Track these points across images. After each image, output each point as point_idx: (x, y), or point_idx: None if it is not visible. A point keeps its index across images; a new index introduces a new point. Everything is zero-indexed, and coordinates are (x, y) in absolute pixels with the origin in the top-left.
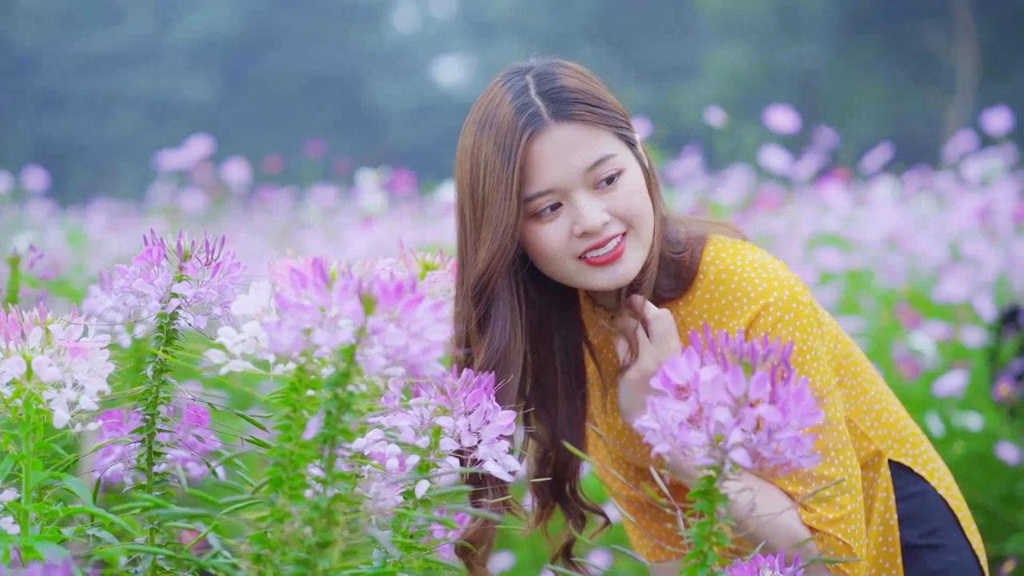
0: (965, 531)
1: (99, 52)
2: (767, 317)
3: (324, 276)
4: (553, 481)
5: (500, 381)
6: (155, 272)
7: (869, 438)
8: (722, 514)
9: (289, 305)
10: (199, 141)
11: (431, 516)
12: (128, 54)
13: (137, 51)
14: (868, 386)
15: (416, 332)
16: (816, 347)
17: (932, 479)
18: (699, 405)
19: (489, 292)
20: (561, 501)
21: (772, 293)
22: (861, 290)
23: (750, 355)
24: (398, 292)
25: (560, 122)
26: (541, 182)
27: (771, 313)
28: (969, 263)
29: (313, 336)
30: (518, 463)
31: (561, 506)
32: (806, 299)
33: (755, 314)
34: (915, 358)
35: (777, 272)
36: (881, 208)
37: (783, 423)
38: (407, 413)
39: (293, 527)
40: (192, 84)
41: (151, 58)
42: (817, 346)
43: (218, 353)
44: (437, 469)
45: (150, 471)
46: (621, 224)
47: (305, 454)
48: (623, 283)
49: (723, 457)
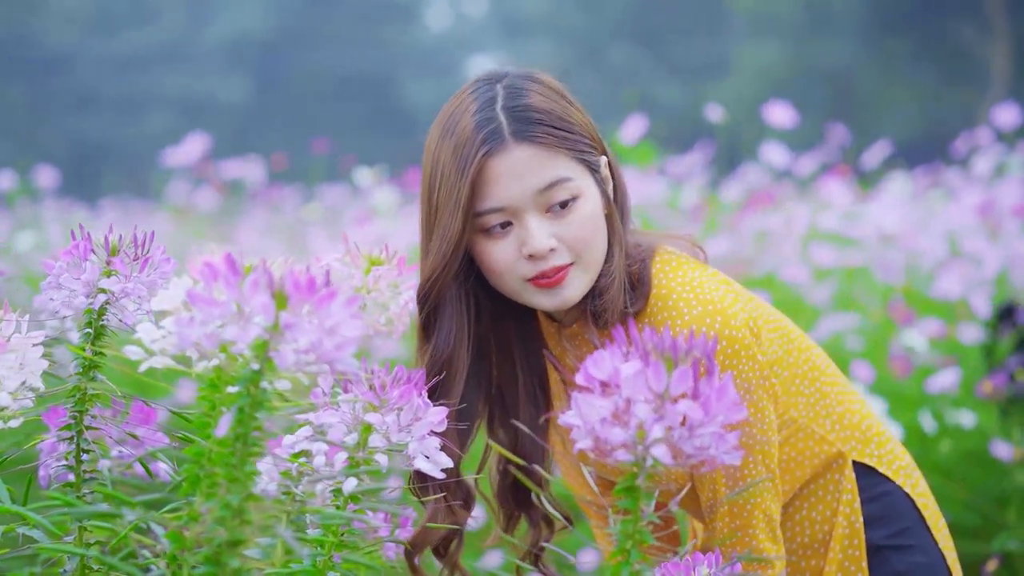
0: (933, 531)
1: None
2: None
3: (236, 271)
4: (517, 490)
5: (442, 388)
6: (82, 267)
7: (830, 441)
8: (646, 511)
9: (199, 300)
10: (198, 138)
11: (343, 515)
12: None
13: (170, 51)
14: (828, 388)
15: (330, 328)
16: (749, 377)
17: (898, 478)
18: (622, 401)
19: (433, 299)
20: (525, 510)
21: (705, 320)
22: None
23: (672, 350)
24: (311, 287)
25: (519, 142)
26: (493, 199)
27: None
28: (969, 260)
29: (223, 332)
30: (450, 460)
31: (526, 514)
32: (738, 323)
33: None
34: (909, 355)
35: (712, 295)
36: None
37: (705, 419)
38: (336, 410)
39: (204, 526)
40: (225, 84)
41: (184, 57)
42: (751, 377)
43: (136, 350)
44: (367, 466)
45: (78, 469)
46: (569, 253)
47: (222, 452)
48: (565, 306)
49: (644, 453)
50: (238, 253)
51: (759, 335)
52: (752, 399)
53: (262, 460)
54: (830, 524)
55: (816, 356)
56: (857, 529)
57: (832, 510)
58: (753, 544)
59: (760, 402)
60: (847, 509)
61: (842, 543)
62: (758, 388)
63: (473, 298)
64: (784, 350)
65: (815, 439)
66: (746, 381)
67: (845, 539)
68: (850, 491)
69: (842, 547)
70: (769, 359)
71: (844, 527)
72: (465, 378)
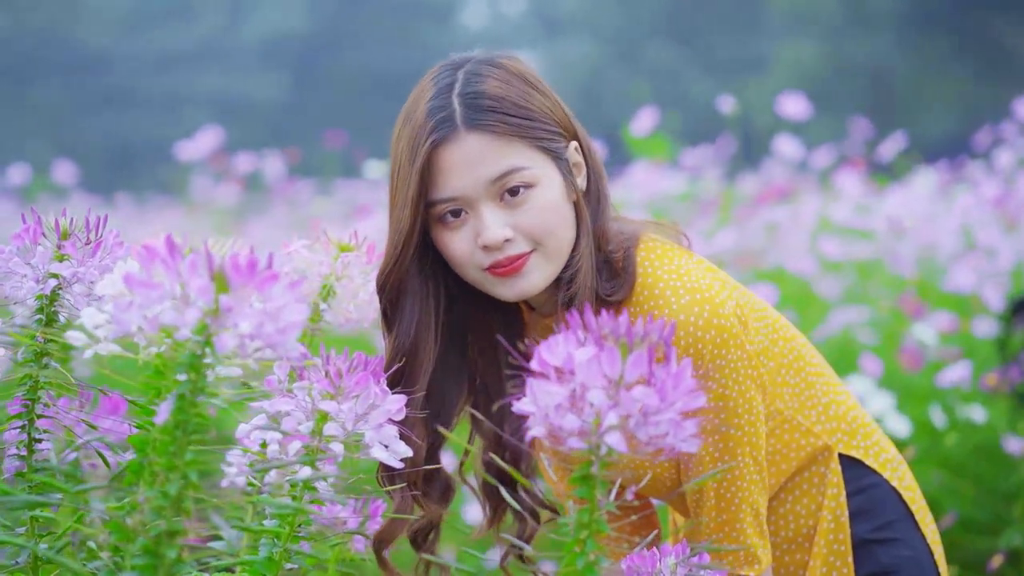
0: (919, 524)
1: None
2: (685, 336)
3: (175, 253)
4: (502, 482)
5: (407, 378)
6: (32, 251)
7: (816, 433)
8: (603, 501)
9: (136, 283)
10: (210, 131)
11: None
12: (198, 52)
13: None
14: (814, 379)
15: (271, 312)
16: (738, 367)
17: (884, 471)
18: (577, 387)
19: (390, 289)
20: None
21: (693, 308)
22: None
23: (628, 335)
24: (251, 269)
25: (471, 130)
26: (446, 189)
27: (689, 333)
28: (984, 252)
29: (162, 316)
30: (409, 449)
31: (511, 507)
32: (726, 311)
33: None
34: (920, 349)
35: (699, 283)
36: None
37: (661, 406)
38: (290, 397)
39: (142, 516)
40: (261, 82)
41: (220, 56)
42: (740, 367)
43: (79, 335)
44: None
45: (30, 459)
46: (527, 242)
47: (162, 440)
48: (525, 296)
49: (597, 441)
50: (249, 246)
51: (747, 324)
52: (740, 389)
53: (231, 451)
54: (815, 518)
55: (801, 346)
56: (842, 523)
57: (817, 504)
58: (740, 539)
59: (748, 392)
60: (832, 503)
61: (827, 537)
62: (746, 378)
63: (443, 287)
64: (770, 339)
65: (801, 431)
66: (735, 371)
67: (830, 533)
68: (836, 485)
69: (827, 541)
70: (756, 348)
71: (829, 521)
72: (433, 367)
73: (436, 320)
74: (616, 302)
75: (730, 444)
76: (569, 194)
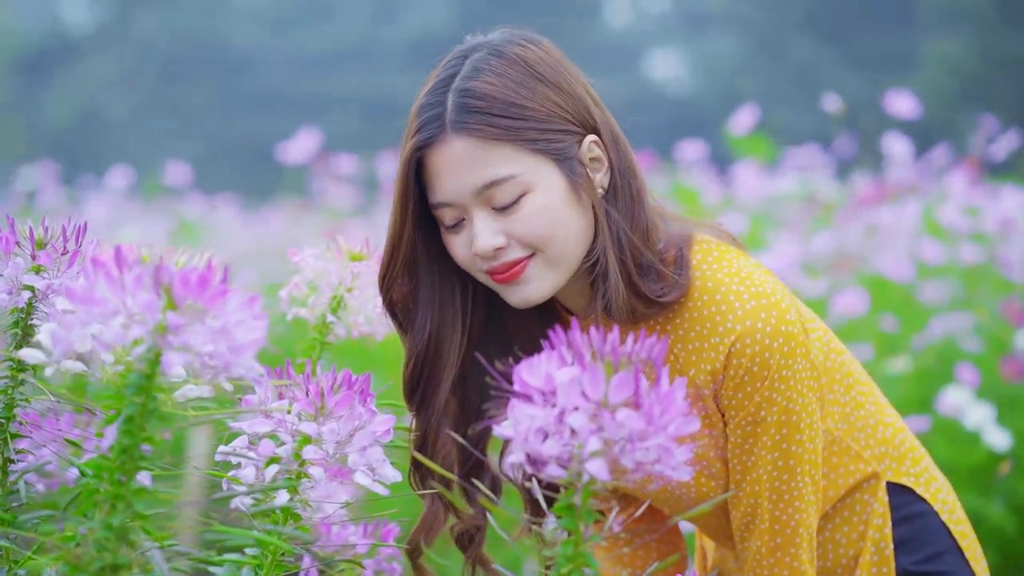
0: (968, 558)
1: (314, 51)
2: (752, 344)
3: (123, 265)
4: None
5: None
6: (5, 262)
7: (864, 459)
8: (588, 533)
9: (78, 298)
10: (309, 133)
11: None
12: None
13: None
14: (862, 399)
15: (222, 329)
16: (803, 379)
17: (935, 502)
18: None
19: (387, 290)
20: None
21: (760, 314)
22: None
23: (613, 353)
24: (201, 284)
25: (457, 133)
26: (438, 192)
27: (757, 341)
28: None
29: (103, 334)
30: (398, 474)
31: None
32: (792, 318)
33: (738, 336)
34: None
35: (763, 287)
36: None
37: (648, 430)
38: (268, 419)
39: (85, 548)
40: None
41: (366, 57)
42: (805, 378)
43: (35, 353)
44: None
45: (4, 480)
46: (522, 248)
47: (108, 466)
48: (531, 304)
49: (578, 468)
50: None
51: (808, 333)
52: (804, 402)
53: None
54: (856, 548)
55: (849, 362)
56: (887, 556)
57: (860, 533)
58: (794, 565)
59: (811, 406)
60: (876, 534)
61: (870, 570)
62: (810, 390)
63: (471, 288)
64: (824, 353)
65: (850, 455)
66: (800, 383)
67: (873, 567)
68: (881, 515)
69: (870, 574)
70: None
71: (872, 553)
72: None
73: (463, 323)
74: (668, 303)
75: (790, 462)
76: (576, 195)
